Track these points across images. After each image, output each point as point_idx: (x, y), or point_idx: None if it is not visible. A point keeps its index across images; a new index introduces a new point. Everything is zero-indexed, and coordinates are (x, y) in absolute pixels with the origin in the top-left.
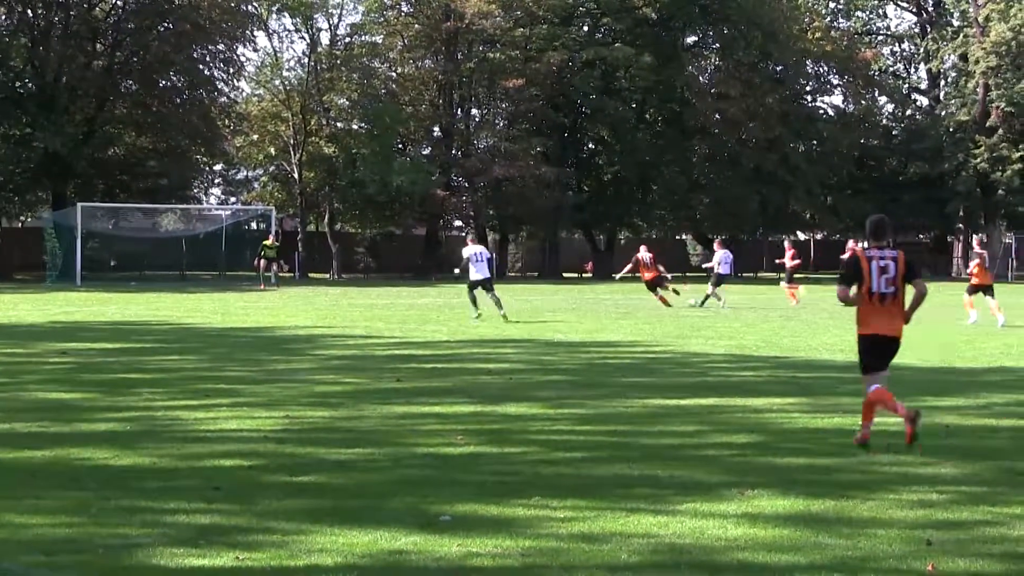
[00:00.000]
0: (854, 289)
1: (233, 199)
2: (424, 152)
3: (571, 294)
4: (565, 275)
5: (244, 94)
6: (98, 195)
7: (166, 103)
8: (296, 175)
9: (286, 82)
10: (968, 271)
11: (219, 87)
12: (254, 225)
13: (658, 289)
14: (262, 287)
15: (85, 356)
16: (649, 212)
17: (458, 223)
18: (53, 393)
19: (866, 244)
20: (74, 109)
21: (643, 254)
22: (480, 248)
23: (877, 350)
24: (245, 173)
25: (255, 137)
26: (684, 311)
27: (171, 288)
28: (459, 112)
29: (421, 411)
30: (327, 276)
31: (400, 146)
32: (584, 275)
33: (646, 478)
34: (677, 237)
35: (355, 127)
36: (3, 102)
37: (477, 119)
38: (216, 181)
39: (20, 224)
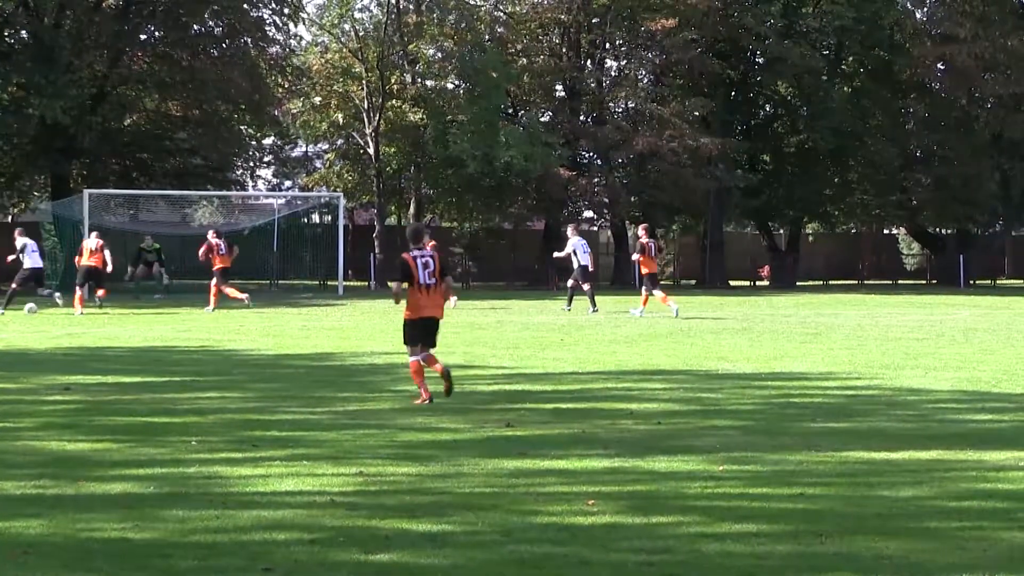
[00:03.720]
0: (405, 284)
1: (288, 183)
2: (542, 119)
3: (741, 308)
4: (733, 283)
5: (303, 43)
6: (112, 179)
7: (199, 55)
8: (372, 151)
9: (358, 26)
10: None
11: (269, 33)
12: (316, 217)
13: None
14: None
15: (95, 393)
16: (847, 197)
17: (588, 213)
18: (53, 442)
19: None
20: (79, 65)
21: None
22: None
23: (423, 330)
24: (304, 148)
25: (317, 100)
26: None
27: (207, 302)
28: (590, 64)
29: (539, 467)
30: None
31: (510, 111)
32: (759, 282)
33: (845, 558)
34: (886, 231)
35: (450, 86)
36: None
37: (614, 73)
38: (266, 159)
39: (10, 218)
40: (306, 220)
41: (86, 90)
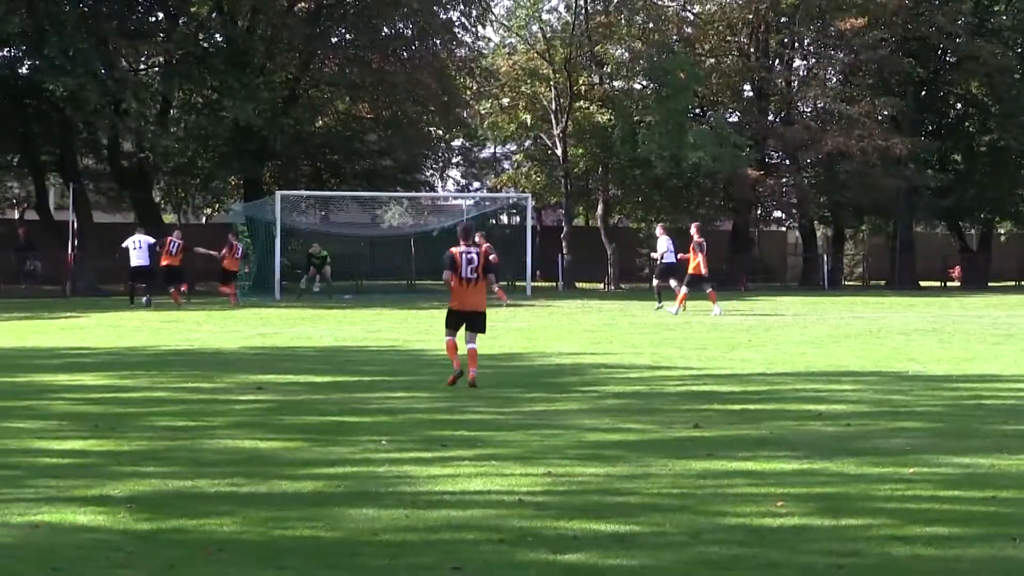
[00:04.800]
0: (448, 275)
1: (477, 184)
2: (730, 119)
3: (931, 309)
4: (923, 283)
5: (491, 44)
6: (303, 181)
7: (389, 57)
8: (559, 152)
9: (546, 28)
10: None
11: (458, 35)
12: (505, 218)
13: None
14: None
15: (287, 392)
16: None
17: (777, 213)
18: (246, 441)
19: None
20: (272, 68)
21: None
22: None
23: (462, 319)
24: (492, 150)
25: (505, 101)
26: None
27: (396, 303)
28: (778, 64)
29: (727, 468)
30: (600, 286)
31: (698, 111)
32: (949, 283)
33: None
34: None
35: (637, 87)
36: (183, 60)
37: (802, 73)
38: (455, 161)
39: (205, 219)
40: (494, 221)
41: (278, 93)
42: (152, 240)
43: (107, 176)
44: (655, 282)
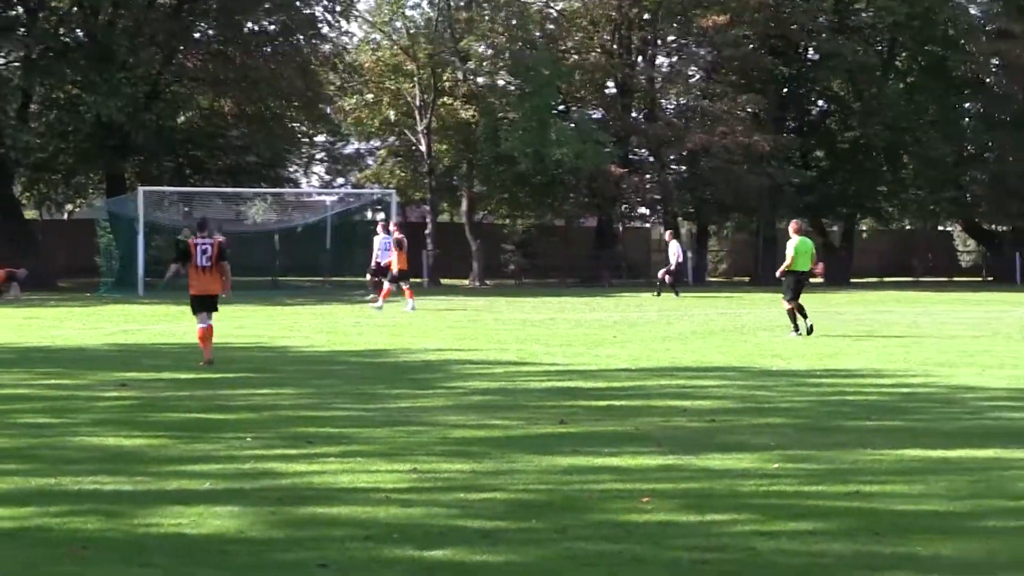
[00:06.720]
0: (176, 267)
1: (341, 180)
2: (594, 116)
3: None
4: None
5: (355, 40)
6: (166, 177)
7: (252, 53)
8: (423, 148)
9: (409, 23)
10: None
11: (322, 31)
12: (369, 214)
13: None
14: None
15: (150, 389)
16: (901, 193)
17: (642, 210)
18: (110, 438)
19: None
20: (134, 63)
21: None
22: None
23: (203, 303)
24: (356, 146)
25: (369, 97)
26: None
27: (260, 299)
28: (641, 61)
29: (593, 464)
30: (466, 282)
31: (561, 108)
32: (812, 279)
33: (901, 557)
34: (940, 228)
35: (501, 83)
36: (44, 55)
37: (665, 70)
38: (319, 157)
39: (66, 216)
40: (359, 217)
41: (140, 88)
42: None
43: None
44: (368, 276)
